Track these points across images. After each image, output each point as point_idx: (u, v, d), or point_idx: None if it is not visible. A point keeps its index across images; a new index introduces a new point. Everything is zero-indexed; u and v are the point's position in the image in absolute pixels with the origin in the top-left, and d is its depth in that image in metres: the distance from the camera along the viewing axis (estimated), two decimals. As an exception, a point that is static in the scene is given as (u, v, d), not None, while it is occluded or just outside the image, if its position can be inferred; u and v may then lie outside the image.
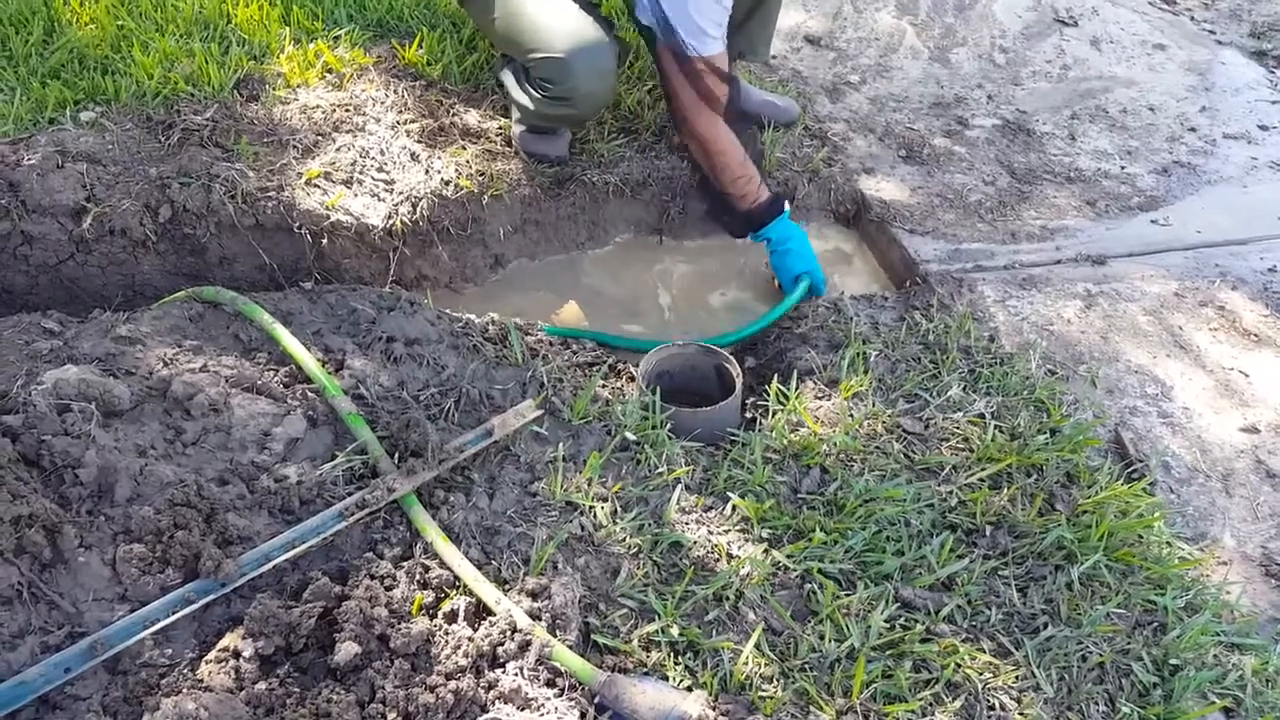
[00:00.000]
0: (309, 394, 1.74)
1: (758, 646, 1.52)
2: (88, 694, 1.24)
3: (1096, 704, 1.54)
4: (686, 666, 1.49)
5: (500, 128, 2.70)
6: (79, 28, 2.74)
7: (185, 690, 1.22)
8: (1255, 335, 2.41)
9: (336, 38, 2.89)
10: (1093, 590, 1.70)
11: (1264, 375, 2.30)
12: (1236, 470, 2.07)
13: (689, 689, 1.43)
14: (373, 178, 2.43)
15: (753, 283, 2.65)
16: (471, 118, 2.71)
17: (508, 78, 2.61)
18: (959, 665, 1.54)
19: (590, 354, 2.25)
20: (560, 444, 1.83)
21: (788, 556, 1.69)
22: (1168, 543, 1.82)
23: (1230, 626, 1.71)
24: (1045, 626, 1.63)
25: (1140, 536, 1.81)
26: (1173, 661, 1.61)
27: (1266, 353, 2.36)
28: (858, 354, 2.15)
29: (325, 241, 2.31)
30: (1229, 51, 3.78)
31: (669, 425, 1.95)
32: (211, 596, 1.37)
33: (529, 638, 1.40)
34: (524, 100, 2.51)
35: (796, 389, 2.06)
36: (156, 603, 1.32)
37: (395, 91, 2.71)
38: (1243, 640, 1.68)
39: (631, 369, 2.17)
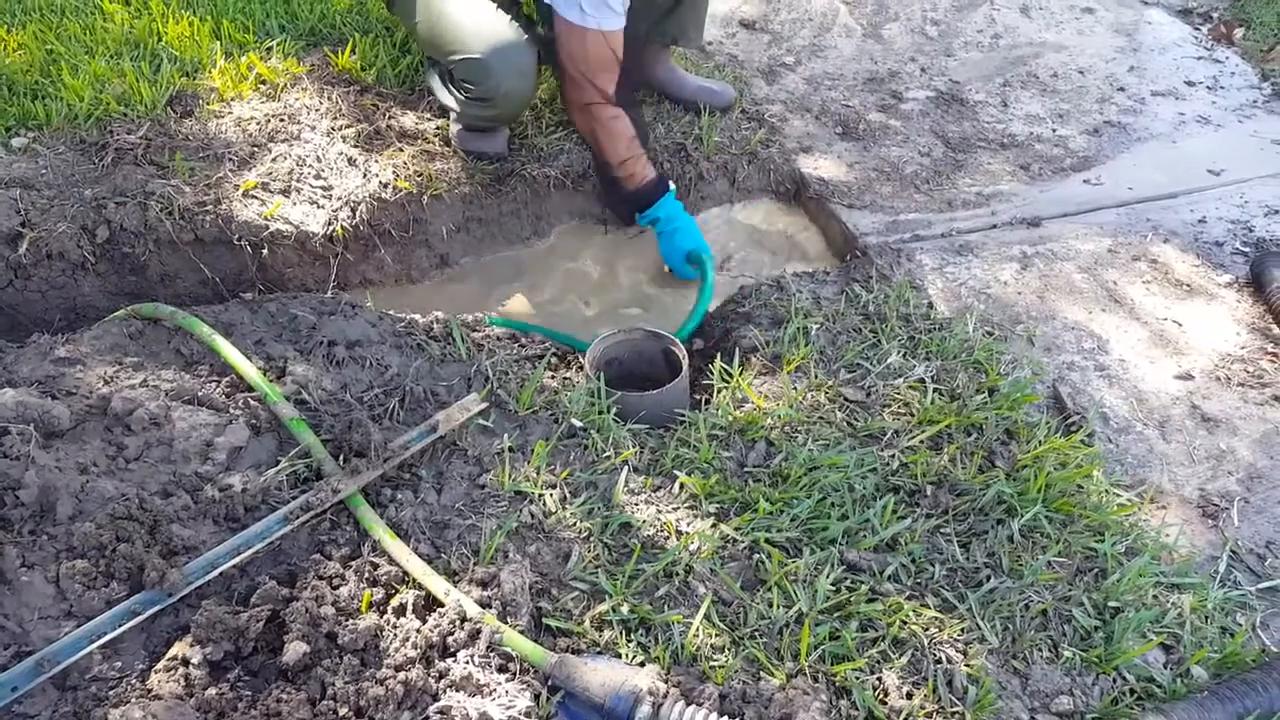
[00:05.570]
0: (251, 402, 1.75)
1: (708, 618, 1.55)
2: (36, 711, 1.24)
3: (1040, 650, 1.58)
4: (639, 643, 1.52)
5: (438, 128, 2.71)
6: (7, 54, 2.72)
7: (134, 700, 1.23)
8: (1187, 285, 2.47)
9: (269, 49, 2.88)
10: (1033, 541, 1.75)
11: (1196, 323, 2.35)
12: (1173, 416, 2.12)
13: (641, 664, 1.46)
14: (310, 185, 2.43)
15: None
16: (408, 120, 2.72)
17: (434, 80, 2.63)
18: (905, 622, 1.57)
19: (538, 346, 2.27)
20: (507, 435, 1.85)
21: (735, 529, 1.72)
22: (1106, 491, 1.87)
23: (1169, 567, 1.76)
24: (988, 579, 1.67)
25: (1079, 486, 1.85)
26: (1113, 604, 1.65)
27: (1198, 301, 2.42)
28: (799, 328, 2.18)
29: (266, 252, 2.32)
30: (1155, 11, 3.85)
31: (617, 410, 1.98)
32: (158, 607, 1.37)
33: (479, 626, 1.42)
34: (450, 102, 2.53)
35: (741, 366, 2.09)
36: (102, 616, 1.33)
37: (330, 98, 2.71)
38: (1181, 580, 1.73)
39: (580, 358, 2.19)
